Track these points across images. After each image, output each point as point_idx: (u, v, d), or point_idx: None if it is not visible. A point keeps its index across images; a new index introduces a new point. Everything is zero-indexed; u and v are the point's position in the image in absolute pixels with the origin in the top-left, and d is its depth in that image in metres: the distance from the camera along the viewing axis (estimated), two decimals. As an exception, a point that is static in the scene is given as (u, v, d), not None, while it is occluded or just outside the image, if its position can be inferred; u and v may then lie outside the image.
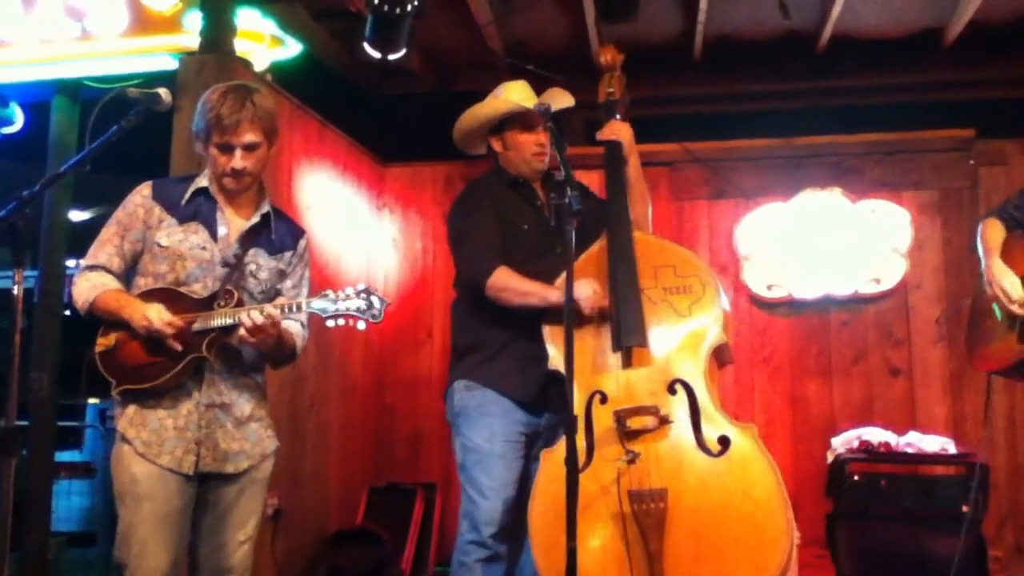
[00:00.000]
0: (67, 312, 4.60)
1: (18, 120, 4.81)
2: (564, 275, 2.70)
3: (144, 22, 4.07)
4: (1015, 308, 2.81)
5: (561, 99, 3.04)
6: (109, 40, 4.13)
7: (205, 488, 2.47)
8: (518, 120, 3.01)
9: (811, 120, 4.95)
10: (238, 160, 2.42)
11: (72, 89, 4.53)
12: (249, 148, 2.42)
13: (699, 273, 2.81)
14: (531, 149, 3.01)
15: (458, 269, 3.04)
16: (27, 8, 4.20)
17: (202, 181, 2.52)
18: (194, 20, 3.93)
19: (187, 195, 2.49)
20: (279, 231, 2.58)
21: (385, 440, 5.04)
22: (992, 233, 2.96)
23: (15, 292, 1.99)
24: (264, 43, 4.41)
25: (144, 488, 2.37)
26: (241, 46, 4.08)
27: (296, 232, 2.65)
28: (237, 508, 2.49)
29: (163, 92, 2.36)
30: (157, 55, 4.07)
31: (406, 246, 5.21)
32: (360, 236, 4.93)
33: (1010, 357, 2.90)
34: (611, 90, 3.15)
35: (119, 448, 2.42)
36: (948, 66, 4.82)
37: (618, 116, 3.12)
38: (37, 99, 4.68)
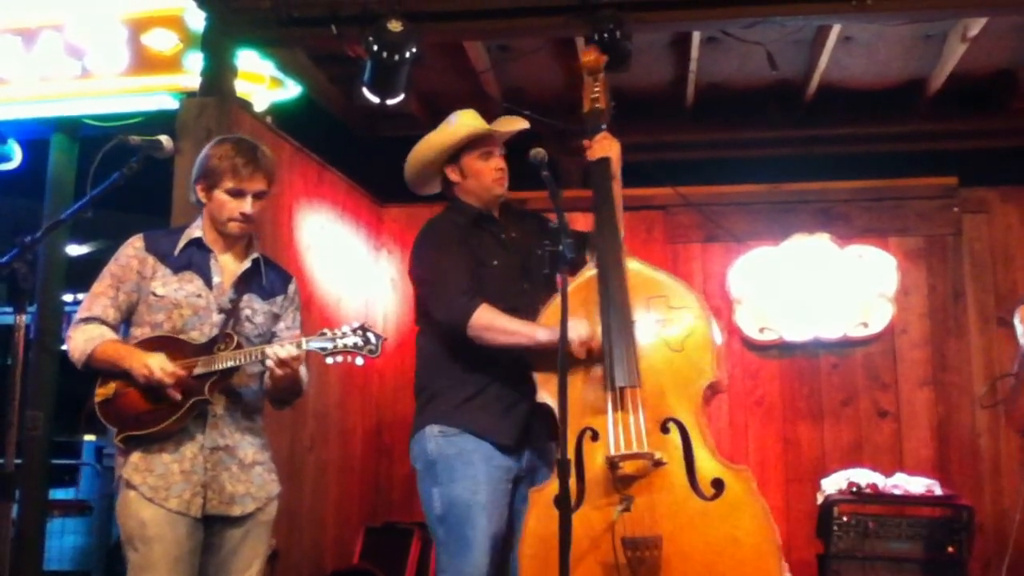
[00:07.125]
0: (64, 348, 4.57)
1: (16, 157, 4.79)
2: (548, 312, 2.69)
3: (144, 62, 4.09)
4: None
5: (513, 124, 2.92)
6: (109, 79, 4.13)
7: (210, 531, 2.48)
8: (476, 145, 2.87)
9: (799, 167, 5.03)
10: (248, 206, 2.51)
11: (71, 127, 4.54)
12: (258, 196, 2.53)
13: (691, 305, 2.71)
14: (491, 175, 2.87)
15: (431, 308, 2.82)
16: (27, 46, 4.21)
17: (195, 232, 2.58)
18: (195, 60, 3.96)
19: (180, 246, 2.55)
20: (269, 276, 2.65)
21: (383, 481, 5.03)
22: None
23: (16, 335, 1.98)
24: (264, 84, 4.47)
25: (154, 531, 2.37)
26: (241, 87, 4.12)
27: (285, 276, 2.73)
28: (242, 551, 2.50)
29: (164, 139, 2.42)
30: (157, 94, 4.07)
31: (404, 287, 5.20)
32: (359, 276, 4.95)
33: None
34: (595, 96, 2.96)
35: (124, 494, 2.42)
36: (930, 117, 4.96)
37: (604, 127, 2.93)
38: (36, 136, 4.67)
